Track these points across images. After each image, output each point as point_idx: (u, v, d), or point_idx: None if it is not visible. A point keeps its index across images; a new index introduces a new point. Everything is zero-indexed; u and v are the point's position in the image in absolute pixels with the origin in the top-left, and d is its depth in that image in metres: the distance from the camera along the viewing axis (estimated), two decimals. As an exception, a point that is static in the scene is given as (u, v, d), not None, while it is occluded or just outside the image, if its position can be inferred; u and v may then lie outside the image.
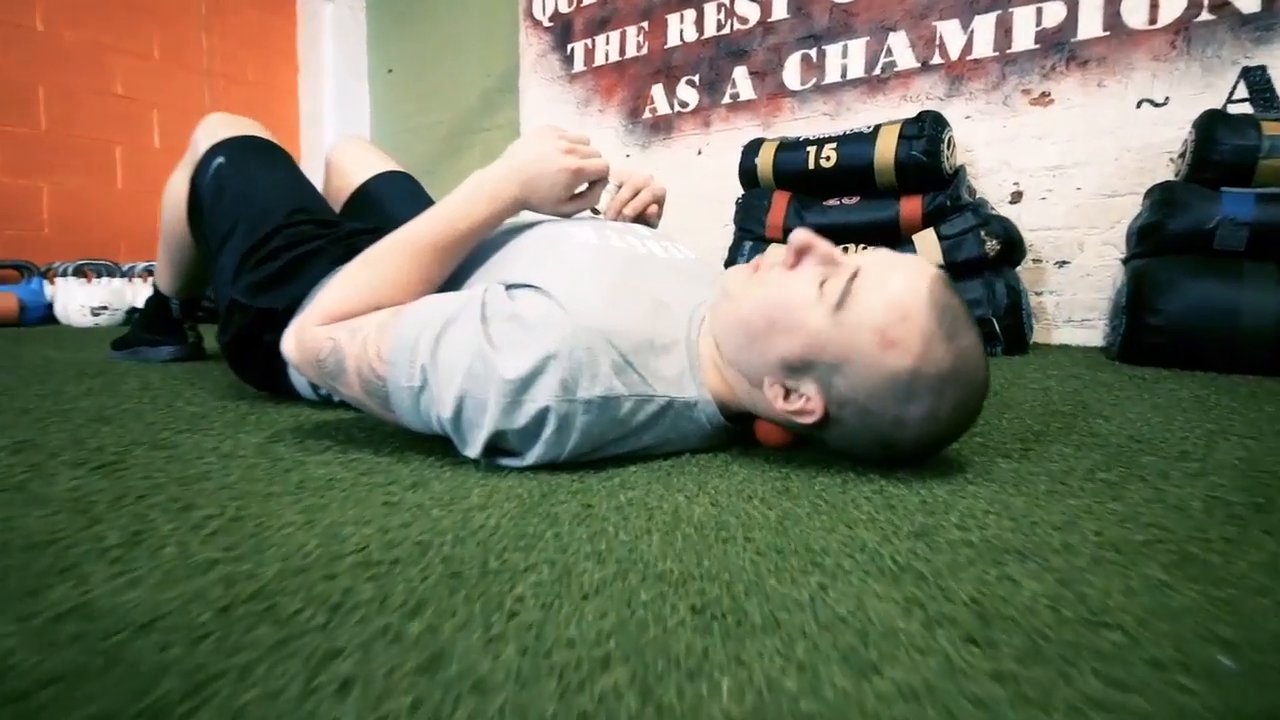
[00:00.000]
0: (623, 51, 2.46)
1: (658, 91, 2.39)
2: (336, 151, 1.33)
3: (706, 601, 0.37)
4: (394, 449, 0.69)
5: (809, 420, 0.61)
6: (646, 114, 2.42)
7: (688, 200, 2.35)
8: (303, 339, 0.69)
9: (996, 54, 1.81)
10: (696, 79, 2.31)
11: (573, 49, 2.60)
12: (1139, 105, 1.65)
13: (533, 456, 0.62)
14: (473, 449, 0.62)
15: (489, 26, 3.00)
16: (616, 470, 0.63)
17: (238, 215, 0.99)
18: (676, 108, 2.36)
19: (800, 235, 0.63)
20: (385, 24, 3.67)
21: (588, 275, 0.66)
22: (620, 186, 0.86)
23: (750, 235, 1.87)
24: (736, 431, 0.71)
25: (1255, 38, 1.51)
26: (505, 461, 0.63)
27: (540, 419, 0.60)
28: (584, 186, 0.79)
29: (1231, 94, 1.54)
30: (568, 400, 0.60)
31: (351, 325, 0.68)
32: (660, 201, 0.90)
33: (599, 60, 2.53)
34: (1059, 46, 1.72)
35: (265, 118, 1.29)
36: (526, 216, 0.80)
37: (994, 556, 0.44)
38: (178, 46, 3.35)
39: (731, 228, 1.98)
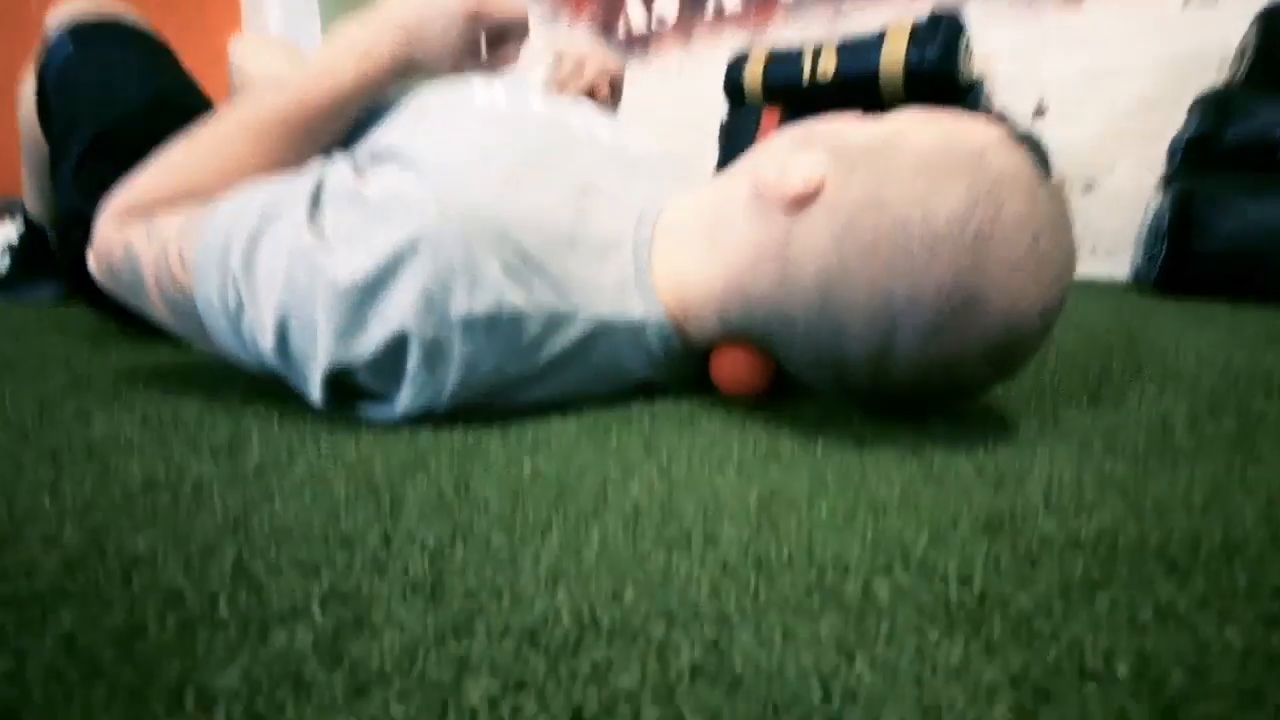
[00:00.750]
0: (595, -42, 2.18)
1: (634, 4, 2.13)
2: (238, 53, 1.09)
3: None
4: (243, 392, 0.50)
5: (789, 190, 0.42)
6: (620, 30, 2.16)
7: (667, 126, 2.11)
8: (95, 241, 0.49)
9: (1021, -56, 1.56)
10: (677, -13, 2.04)
11: (539, -42, 2.31)
12: (1185, 3, 1.42)
13: (401, 403, 0.43)
14: (313, 391, 0.43)
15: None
16: (528, 423, 0.44)
17: (81, 110, 0.78)
18: (654, 25, 2.09)
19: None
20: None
21: (479, 145, 0.46)
22: (557, 60, 0.65)
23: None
24: (700, 372, 0.53)
25: (1333, -88, 1.28)
26: (369, 411, 0.45)
27: (396, 347, 0.41)
28: (485, 44, 0.58)
29: (1298, -17, 1.31)
30: (434, 319, 0.41)
31: (152, 222, 0.48)
32: (617, 80, 0.69)
33: (568, -31, 2.25)
34: (1095, -67, 1.48)
35: (199, 58, 1.07)
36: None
37: (1136, 571, 0.25)
38: None
39: (716, 154, 1.75)
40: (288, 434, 0.42)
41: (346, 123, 0.55)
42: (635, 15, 2.13)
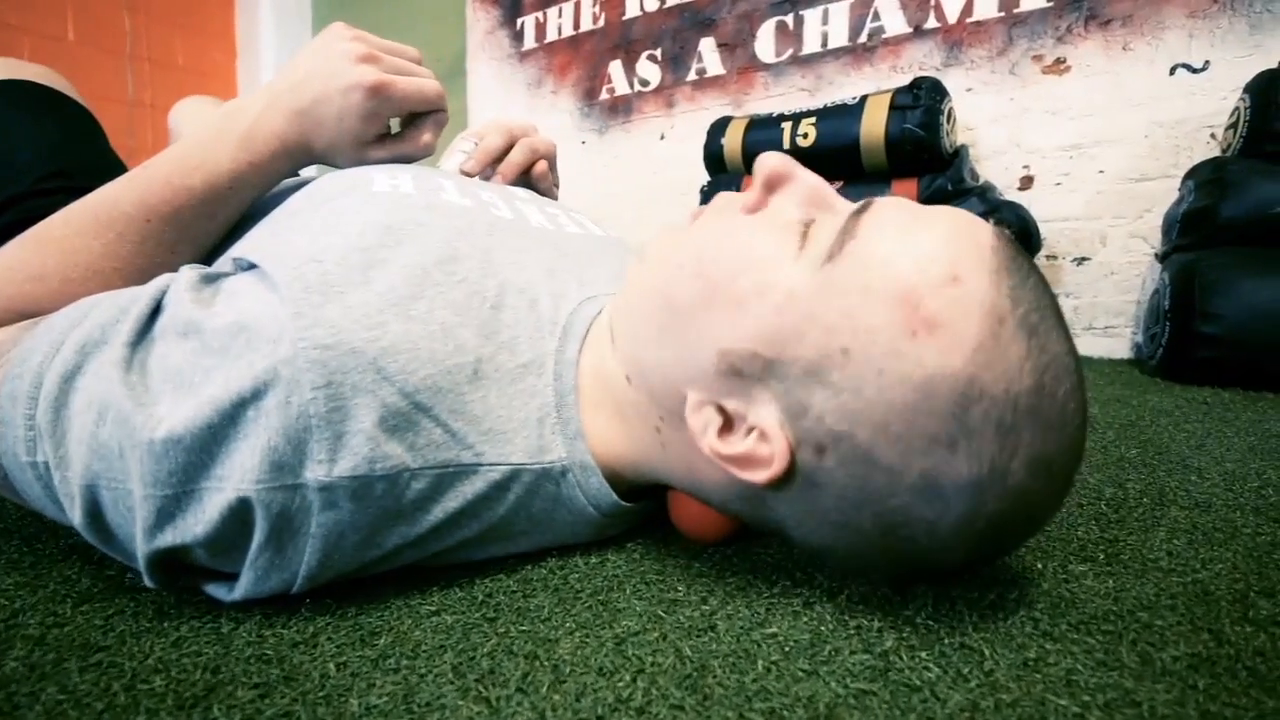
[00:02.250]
0: (577, 25, 2.19)
1: (615, 69, 2.12)
2: (176, 115, 1.03)
3: None
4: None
5: (760, 476, 0.33)
6: (604, 94, 2.15)
7: (649, 191, 2.07)
8: None
9: (1002, 14, 1.55)
10: (659, 53, 2.04)
11: (522, 24, 2.32)
12: (1173, 71, 1.39)
13: (241, 586, 0.33)
14: (142, 573, 0.34)
15: (438, 5, 2.71)
16: (404, 591, 0.34)
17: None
18: (637, 86, 2.08)
19: (772, 159, 0.36)
20: (330, 5, 3.38)
21: (362, 250, 0.37)
22: (477, 144, 0.58)
23: (716, 228, 1.60)
24: (641, 512, 0.43)
25: (1315, -14, 1.26)
26: (209, 589, 0.35)
27: (235, 518, 0.32)
28: (396, 123, 0.50)
29: (1286, 55, 1.28)
30: (281, 486, 0.31)
31: None
32: (549, 159, 0.61)
33: (551, 35, 2.25)
34: (1076, 4, 1.47)
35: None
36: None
37: None
38: (96, 27, 3.03)
39: (696, 220, 1.70)
40: (70, 631, 0.32)
41: (225, 221, 0.47)
42: (617, 79, 2.12)
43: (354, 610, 0.34)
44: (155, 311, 0.35)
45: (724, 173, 1.66)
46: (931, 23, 1.62)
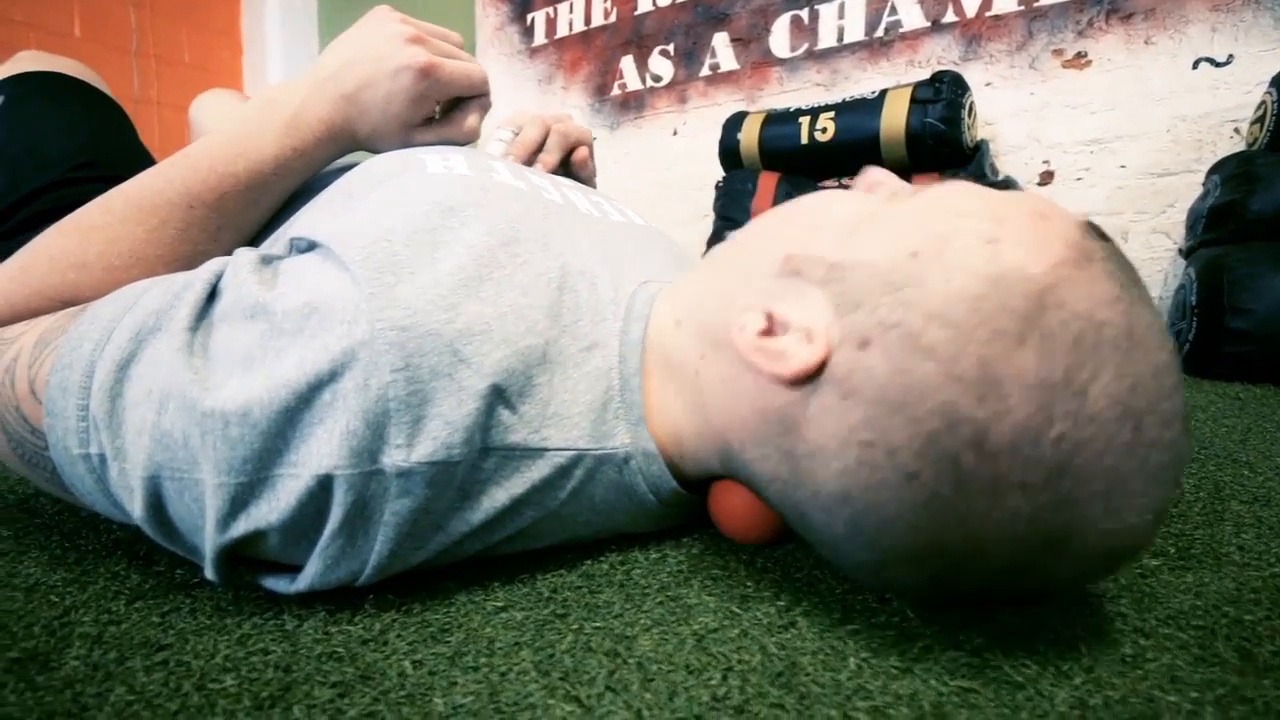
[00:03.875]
0: (588, 20, 2.17)
1: (627, 64, 2.11)
2: (197, 106, 1.02)
3: None
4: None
5: (787, 366, 0.30)
6: (615, 90, 2.13)
7: (661, 188, 2.06)
8: None
9: (1021, 8, 1.54)
10: (671, 49, 2.03)
11: (533, 19, 2.31)
12: (1195, 65, 1.38)
13: (307, 576, 0.32)
14: (206, 568, 0.33)
15: (446, 1, 2.70)
16: (466, 586, 0.33)
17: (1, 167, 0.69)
18: (649, 82, 2.07)
19: (873, 172, 0.38)
20: (336, 1, 3.37)
21: (430, 230, 0.35)
22: (518, 133, 0.57)
23: (733, 224, 1.59)
24: (698, 504, 0.42)
25: (1342, -21, 1.25)
26: (267, 583, 0.34)
27: (311, 504, 0.31)
28: (437, 109, 0.49)
29: (1311, 48, 1.27)
30: (359, 470, 0.30)
31: (2, 335, 0.38)
32: (588, 147, 0.60)
33: (561, 31, 2.24)
34: (1097, -2, 1.45)
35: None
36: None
37: None
38: (102, 23, 3.02)
39: (711, 218, 1.69)
40: (127, 628, 0.31)
41: (269, 207, 0.46)
42: (629, 75, 2.11)
43: (419, 606, 0.33)
44: (211, 296, 0.34)
45: (740, 168, 1.64)
46: (950, 17, 1.61)
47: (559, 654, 0.29)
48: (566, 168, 0.59)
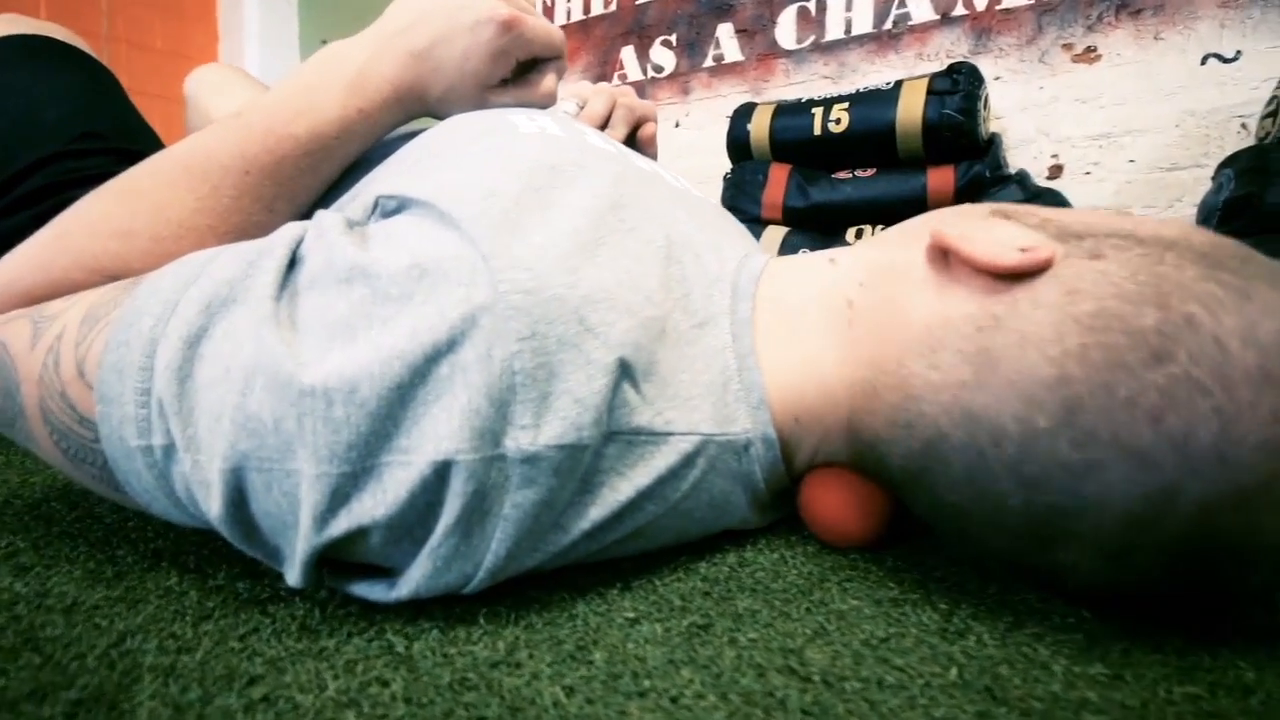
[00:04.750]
0: (587, 9, 2.13)
1: (628, 54, 2.07)
2: (195, 81, 0.96)
3: None
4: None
5: (1016, 259, 0.29)
6: (615, 81, 2.09)
7: (664, 180, 2.02)
8: None
9: (1031, 2, 1.54)
10: (674, 39, 1.99)
11: (529, 7, 2.25)
12: (1204, 61, 1.39)
13: (411, 581, 0.29)
14: (290, 570, 0.29)
15: (433, -14, 2.63)
16: (583, 595, 0.30)
17: (-9, 137, 0.63)
18: (650, 73, 2.03)
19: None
20: (317, -13, 3.27)
21: (538, 189, 0.32)
22: (583, 106, 0.54)
23: (743, 216, 1.56)
24: (788, 498, 0.39)
25: (1349, -23, 1.27)
26: (357, 589, 0.30)
27: (424, 495, 0.27)
28: (512, 67, 0.45)
29: (1319, 45, 1.29)
30: (481, 455, 0.26)
31: (41, 312, 0.34)
32: (654, 123, 0.57)
33: (559, 19, 2.19)
34: (1107, -8, 1.46)
35: (177, 92, 0.96)
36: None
37: None
38: (70, 6, 2.88)
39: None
40: (204, 657, 0.27)
41: (327, 176, 0.42)
42: (630, 65, 2.07)
43: (539, 620, 0.30)
44: (290, 264, 0.30)
45: (749, 159, 1.62)
46: (960, 10, 1.60)
47: (727, 672, 0.26)
48: (631, 144, 0.55)
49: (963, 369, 0.29)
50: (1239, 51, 1.36)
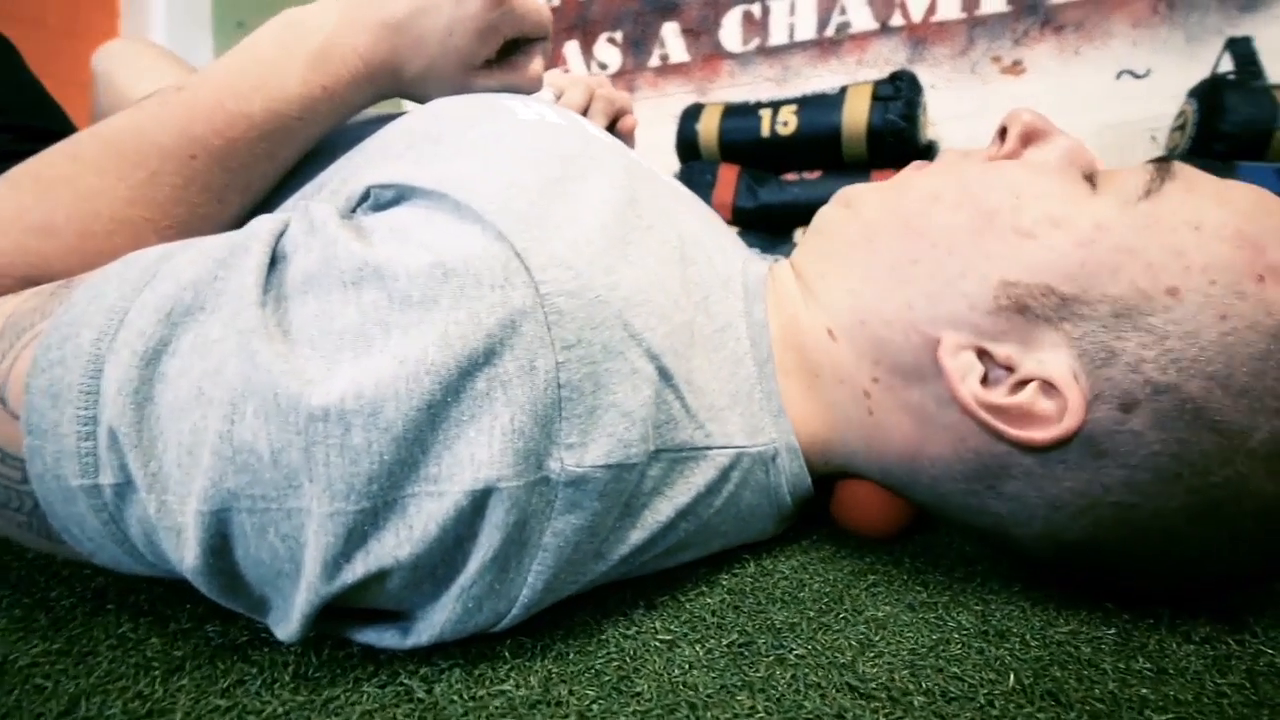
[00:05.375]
0: (529, 2, 2.08)
1: (572, 50, 2.04)
2: (106, 57, 0.87)
3: None
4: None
5: (1044, 434, 0.28)
6: (559, 77, 2.05)
7: (611, 179, 2.00)
8: None
9: (964, 15, 1.61)
10: (619, 36, 1.98)
11: None
12: (1119, 76, 1.49)
13: (435, 626, 0.26)
14: (284, 625, 0.25)
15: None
16: (608, 617, 0.28)
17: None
18: (594, 69, 2.01)
19: (1026, 113, 0.34)
20: (232, -34, 3.05)
21: (550, 176, 0.30)
22: (559, 97, 0.51)
23: (694, 216, 1.56)
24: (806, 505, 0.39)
25: (1241, 4, 1.39)
26: (370, 639, 0.27)
27: (456, 530, 0.24)
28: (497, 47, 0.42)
29: (1216, 65, 1.41)
30: (525, 480, 0.24)
31: None
32: (632, 115, 0.56)
33: (500, 12, 2.13)
34: (1032, 9, 1.54)
35: (75, 74, 0.85)
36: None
37: None
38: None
39: (670, 208, 1.65)
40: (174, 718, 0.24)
41: (284, 164, 0.38)
42: (574, 62, 2.04)
43: (568, 648, 0.28)
44: (271, 259, 0.26)
45: (697, 159, 1.62)
46: (897, 20, 1.66)
47: (786, 694, 0.25)
48: (612, 133, 0.53)
49: (990, 503, 0.31)
50: (1149, 69, 1.47)
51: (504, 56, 0.43)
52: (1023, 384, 0.29)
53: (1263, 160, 1.20)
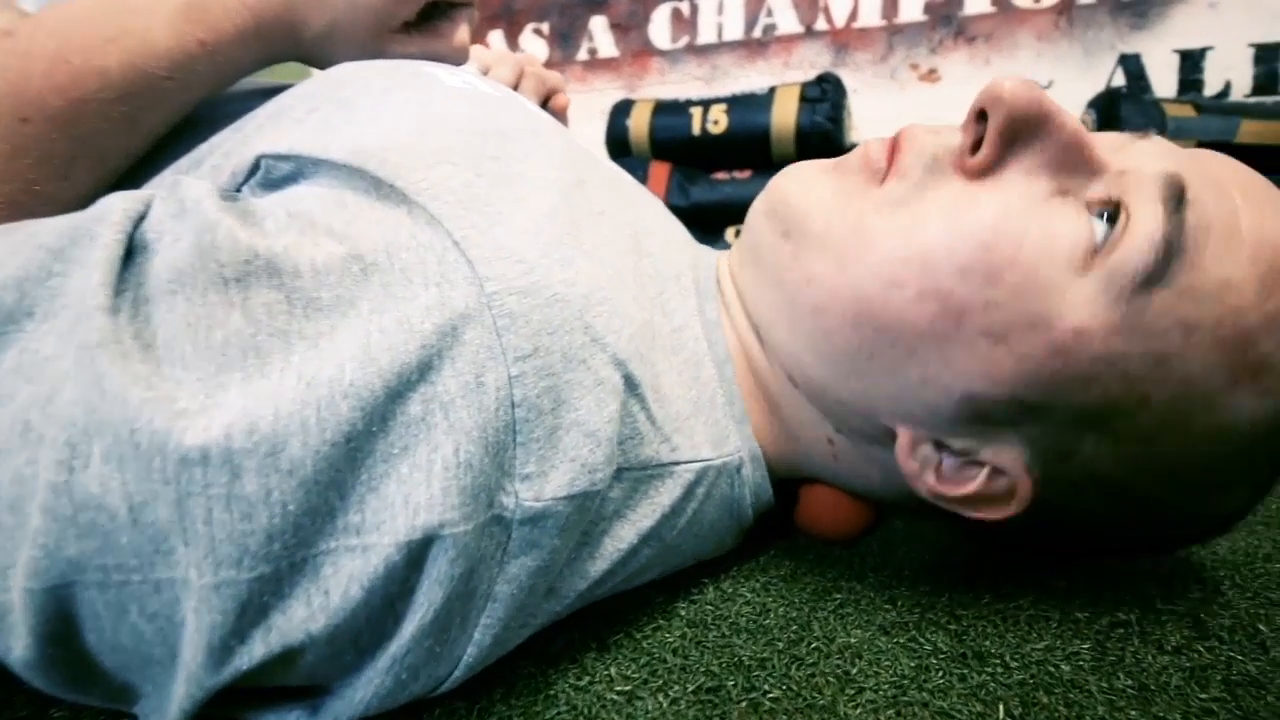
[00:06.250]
0: (449, -12, 1.99)
1: (496, 40, 1.96)
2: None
3: None
4: None
5: (993, 515, 0.28)
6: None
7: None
8: None
9: (884, 23, 1.65)
10: (545, 28, 1.92)
11: (383, -19, 2.06)
12: (1024, 87, 1.57)
13: (356, 706, 0.21)
14: (160, 717, 0.20)
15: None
16: (554, 663, 0.25)
17: None
18: (520, 62, 1.94)
19: (1018, 89, 0.27)
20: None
21: (489, 153, 0.26)
22: (486, 73, 0.47)
23: (625, 214, 1.53)
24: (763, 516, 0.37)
25: (1131, 23, 1.50)
26: None
27: (387, 588, 0.20)
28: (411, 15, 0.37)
29: (1110, 80, 1.51)
30: (477, 519, 0.20)
31: None
32: (565, 95, 0.52)
33: None
34: (947, 20, 1.60)
35: None
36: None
37: None
38: None
39: (600, 205, 1.62)
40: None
41: (150, 133, 0.31)
42: (498, 53, 1.97)
43: (512, 712, 0.24)
44: (126, 254, 0.21)
45: (628, 155, 1.59)
46: (821, 24, 1.69)
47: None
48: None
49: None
50: (1052, 80, 1.55)
51: (424, 22, 0.38)
52: (977, 463, 0.28)
53: (1153, 169, 1.29)
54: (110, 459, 0.18)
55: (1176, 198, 0.25)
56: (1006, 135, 0.27)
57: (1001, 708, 0.24)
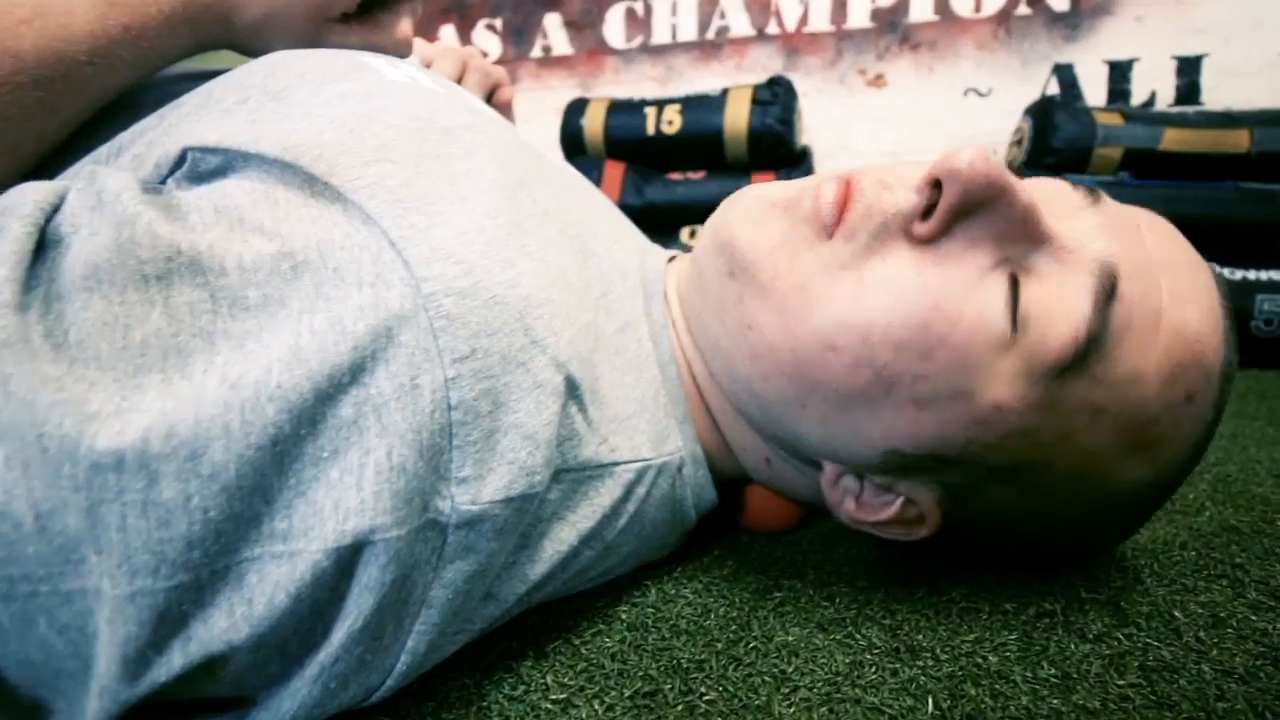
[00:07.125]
0: (398, -19, 1.94)
1: (448, 35, 1.93)
2: None
3: None
4: None
5: (906, 537, 0.31)
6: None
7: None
8: None
9: (833, 29, 1.69)
10: (499, 24, 1.90)
11: (328, -30, 2.00)
12: (965, 94, 1.63)
13: (280, 715, 0.20)
14: None
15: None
16: (488, 675, 0.24)
17: None
18: (472, 58, 1.91)
19: (975, 164, 0.25)
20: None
21: (430, 152, 0.25)
22: (428, 68, 0.46)
23: (579, 213, 1.52)
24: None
25: (1065, 35, 1.56)
26: None
27: (313, 596, 0.19)
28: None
29: (1045, 89, 1.57)
30: (411, 524, 0.20)
31: None
32: (510, 89, 0.52)
33: (366, -12, 1.97)
34: (893, 27, 1.65)
35: None
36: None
37: None
38: None
39: (554, 204, 1.61)
40: None
41: (68, 121, 0.29)
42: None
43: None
44: (36, 248, 0.19)
45: (583, 154, 1.59)
46: (773, 28, 1.72)
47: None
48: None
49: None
50: (991, 88, 1.61)
51: (364, 13, 0.36)
52: (894, 492, 0.30)
53: (1084, 174, 1.35)
54: (14, 465, 0.17)
55: (1108, 292, 0.25)
56: (958, 210, 0.27)
57: (931, 701, 0.24)
